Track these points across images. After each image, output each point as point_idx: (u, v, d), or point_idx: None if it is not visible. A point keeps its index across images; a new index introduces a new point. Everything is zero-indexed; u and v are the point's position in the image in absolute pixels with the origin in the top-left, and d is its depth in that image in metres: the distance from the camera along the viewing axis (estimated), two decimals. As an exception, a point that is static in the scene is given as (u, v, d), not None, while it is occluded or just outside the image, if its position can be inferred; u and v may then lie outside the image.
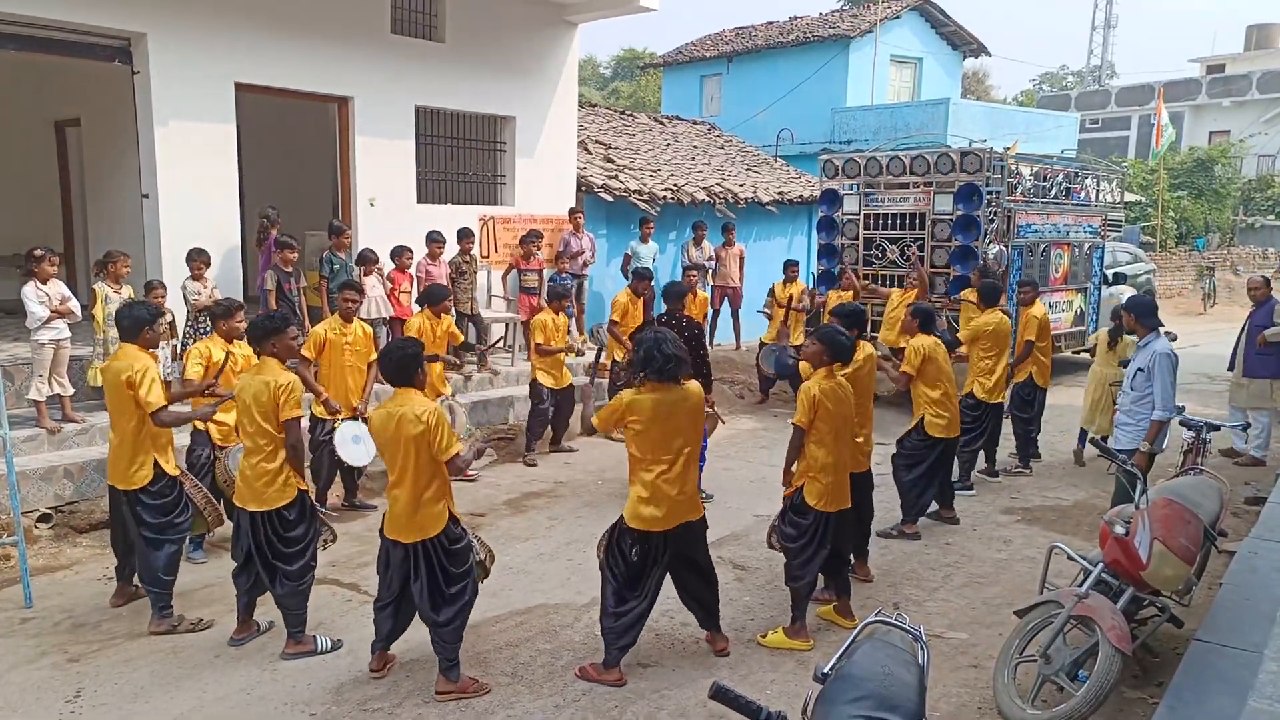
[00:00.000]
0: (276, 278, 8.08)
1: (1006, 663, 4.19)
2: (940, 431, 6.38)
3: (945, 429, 6.39)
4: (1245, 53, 39.25)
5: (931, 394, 6.33)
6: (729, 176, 14.71)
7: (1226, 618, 4.48)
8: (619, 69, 46.99)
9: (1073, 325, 11.77)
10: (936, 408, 6.35)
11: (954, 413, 6.44)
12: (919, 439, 6.40)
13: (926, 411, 6.38)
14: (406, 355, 4.28)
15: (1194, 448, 6.01)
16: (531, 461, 8.39)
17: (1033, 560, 5.96)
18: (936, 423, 6.36)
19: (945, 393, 6.35)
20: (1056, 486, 7.83)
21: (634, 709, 4.24)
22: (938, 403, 6.34)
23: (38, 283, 6.55)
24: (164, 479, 4.94)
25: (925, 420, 6.39)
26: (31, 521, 6.16)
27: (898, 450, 6.53)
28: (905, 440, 6.49)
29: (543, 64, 11.08)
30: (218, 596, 5.38)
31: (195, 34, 8.13)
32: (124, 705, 4.25)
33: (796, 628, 4.88)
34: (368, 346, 6.85)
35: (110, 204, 9.66)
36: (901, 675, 2.31)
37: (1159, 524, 4.17)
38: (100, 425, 6.66)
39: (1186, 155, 29.86)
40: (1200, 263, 23.09)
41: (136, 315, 4.92)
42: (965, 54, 23.48)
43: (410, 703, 4.27)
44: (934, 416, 6.36)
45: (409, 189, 9.99)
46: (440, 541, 4.26)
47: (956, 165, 9.96)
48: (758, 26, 24.13)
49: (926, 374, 6.30)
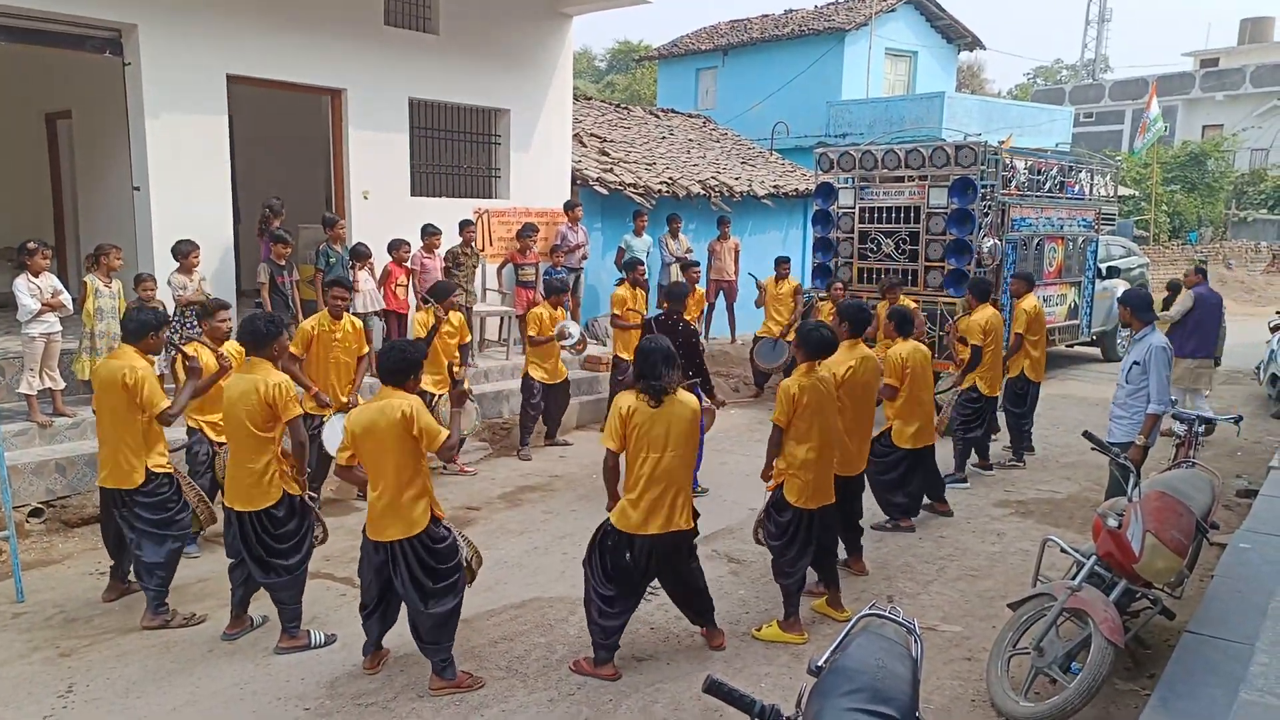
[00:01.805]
0: (269, 271, 8.06)
1: (1000, 655, 4.20)
2: (906, 442, 6.23)
3: (912, 439, 6.23)
4: (1239, 46, 39.33)
5: (899, 403, 6.20)
6: (724, 170, 14.69)
7: (1218, 610, 4.50)
8: (614, 62, 46.88)
9: (1067, 319, 11.79)
10: (906, 415, 6.23)
11: (924, 421, 6.28)
12: (885, 446, 6.27)
13: (895, 420, 6.28)
14: (407, 358, 4.26)
15: (1186, 441, 6.02)
16: (526, 455, 8.39)
17: (1026, 553, 5.98)
18: (904, 432, 6.24)
19: (918, 399, 6.21)
20: (1050, 480, 7.85)
21: (629, 702, 4.25)
22: (904, 412, 6.21)
23: (29, 275, 6.52)
24: (157, 478, 4.91)
25: (893, 429, 6.28)
26: (23, 516, 6.14)
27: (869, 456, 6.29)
28: (874, 445, 6.10)
29: (537, 57, 11.04)
30: (211, 591, 5.37)
31: (187, 25, 8.07)
32: (116, 700, 4.24)
33: (790, 622, 4.88)
34: (357, 341, 6.83)
35: (101, 197, 9.60)
36: (895, 668, 2.31)
37: (1151, 517, 4.18)
38: (91, 420, 6.60)
39: (1179, 149, 29.93)
40: (1193, 257, 23.15)
41: (144, 319, 4.91)
42: (960, 48, 23.48)
43: (405, 697, 4.27)
44: (901, 425, 6.25)
45: (403, 182, 9.95)
46: (422, 540, 4.22)
47: (951, 159, 9.95)
48: (753, 19, 24.10)
49: (904, 385, 6.16)
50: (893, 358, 6.18)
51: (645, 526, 4.34)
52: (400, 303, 8.84)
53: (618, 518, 4.40)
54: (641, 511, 4.33)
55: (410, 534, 4.19)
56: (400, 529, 4.18)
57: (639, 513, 4.34)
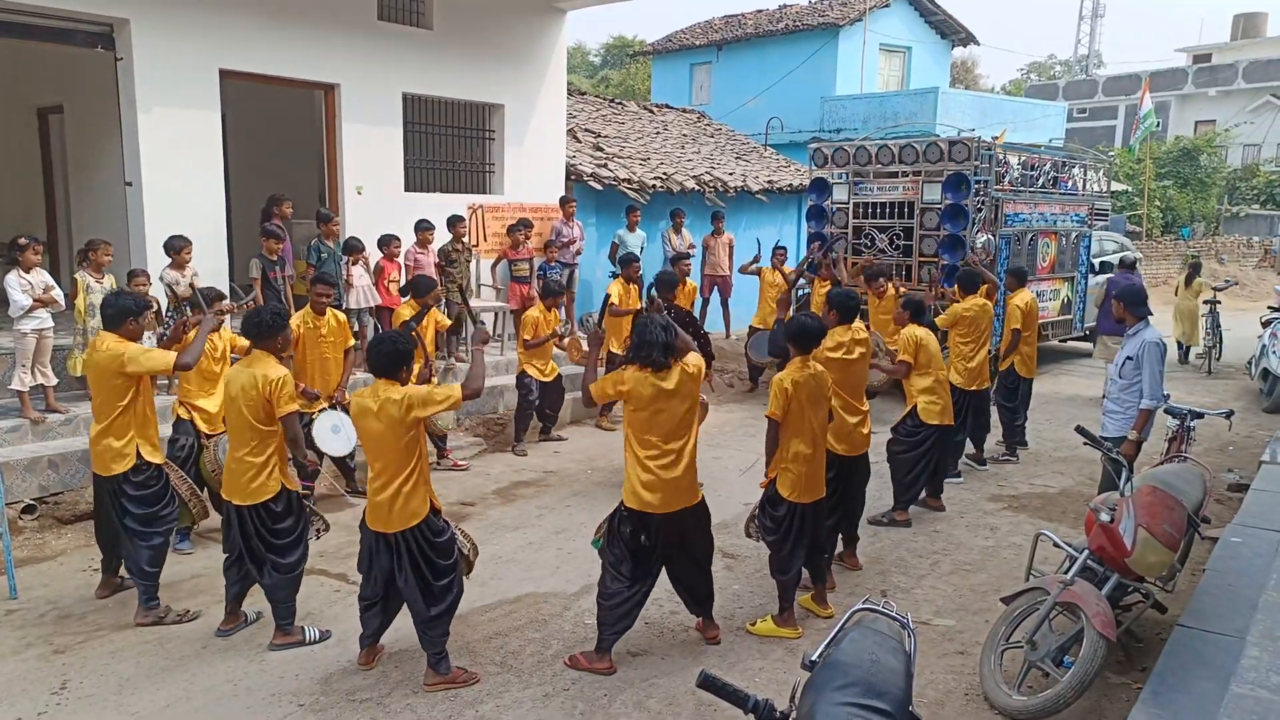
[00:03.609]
0: (261, 266, 8.03)
1: (993, 649, 4.22)
2: (935, 418, 6.44)
3: (940, 415, 6.46)
4: (1232, 42, 39.43)
5: (923, 382, 6.41)
6: (718, 165, 14.68)
7: (1209, 604, 4.52)
8: (608, 57, 46.75)
9: (1060, 314, 11.82)
10: (930, 395, 6.42)
11: (946, 400, 6.52)
12: (914, 425, 6.47)
13: (920, 399, 6.44)
14: (398, 350, 4.25)
15: (1178, 436, 6.04)
16: (521, 451, 8.39)
17: (1019, 547, 6.00)
18: (931, 409, 6.43)
19: (937, 379, 6.45)
20: (1043, 474, 7.88)
21: (623, 697, 4.25)
22: (930, 390, 6.41)
23: (21, 271, 6.48)
24: (149, 468, 4.89)
25: (919, 407, 6.45)
26: (16, 513, 6.12)
27: (893, 437, 6.58)
28: (900, 427, 6.56)
29: (531, 51, 11.02)
30: (205, 587, 5.36)
31: (179, 20, 8.04)
32: (110, 697, 4.24)
33: (785, 616, 4.89)
34: (343, 335, 6.82)
35: (93, 192, 9.55)
36: (889, 662, 2.32)
37: (1143, 511, 4.20)
38: (84, 415, 6.60)
39: (1172, 145, 30.00)
40: (1186, 252, 23.23)
41: (122, 305, 4.85)
42: (954, 43, 23.49)
43: (399, 693, 4.27)
44: (928, 404, 6.42)
45: (397, 177, 9.93)
46: (423, 532, 4.23)
47: (945, 154, 9.97)
48: (747, 15, 24.07)
49: (919, 362, 6.39)
50: (906, 335, 6.41)
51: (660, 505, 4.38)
52: (393, 299, 8.82)
53: (630, 497, 4.41)
54: (653, 490, 4.36)
55: (410, 525, 4.19)
56: (400, 521, 4.18)
57: (650, 492, 4.35)
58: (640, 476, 4.36)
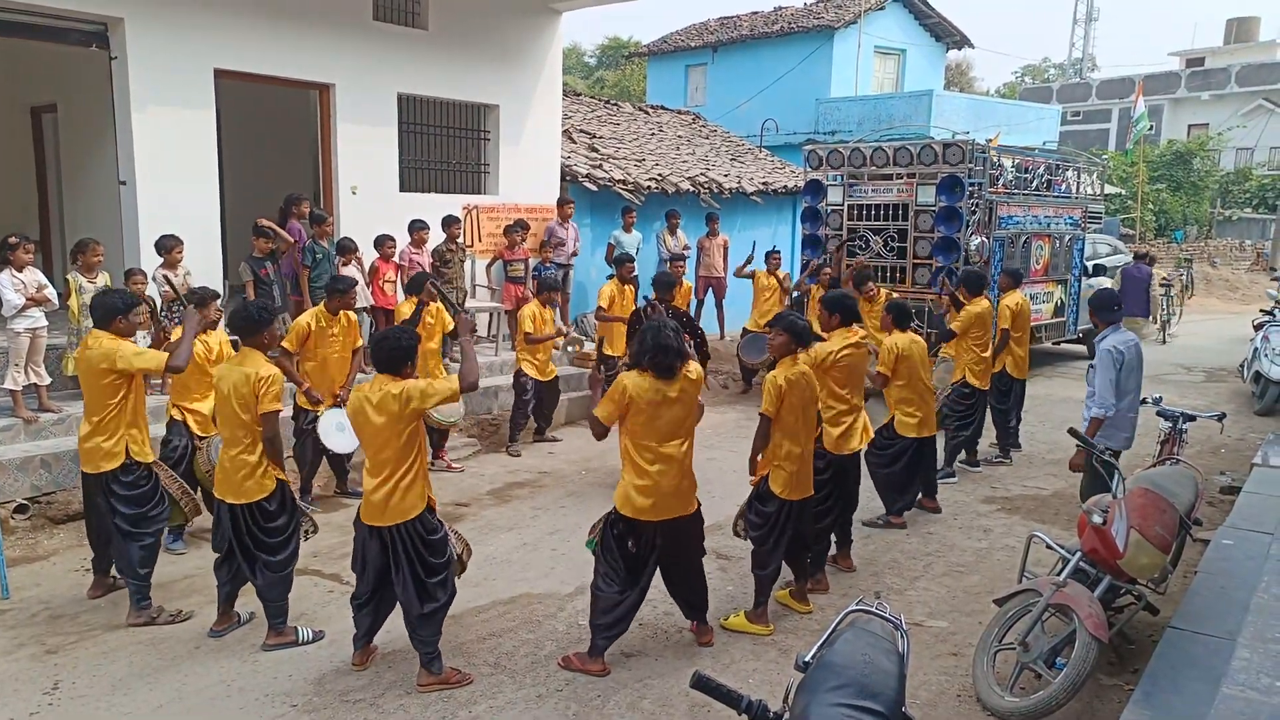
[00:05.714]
0: (251, 268, 7.97)
1: (986, 650, 4.23)
2: (911, 431, 6.30)
3: (917, 428, 6.31)
4: (1225, 46, 39.64)
5: (902, 393, 6.28)
6: (713, 166, 14.69)
7: (1201, 605, 4.54)
8: (604, 58, 46.79)
9: (1053, 316, 11.85)
10: (908, 407, 6.30)
11: (927, 412, 6.36)
12: (888, 437, 6.34)
13: (897, 410, 6.34)
14: (401, 346, 4.25)
15: (1170, 438, 6.06)
16: (515, 452, 8.38)
17: (1012, 549, 6.02)
18: (907, 422, 6.31)
19: (917, 392, 6.29)
20: (1036, 476, 7.90)
21: (617, 699, 4.25)
22: (908, 401, 6.29)
23: (13, 270, 6.46)
24: (138, 467, 4.88)
25: (896, 420, 6.34)
26: (8, 512, 6.10)
27: (868, 448, 6.28)
28: (875, 438, 6.23)
29: (527, 52, 11.01)
30: (198, 588, 5.35)
31: (174, 19, 8.02)
32: (102, 697, 4.22)
33: (759, 612, 4.91)
34: (352, 336, 6.82)
35: (87, 191, 9.53)
36: (882, 663, 2.33)
37: (1135, 513, 4.22)
38: (77, 415, 6.56)
39: (1165, 148, 30.12)
40: (1178, 255, 23.32)
41: (110, 303, 4.83)
42: (948, 46, 23.54)
43: (392, 693, 4.26)
44: (904, 416, 6.31)
45: (392, 177, 9.91)
46: (417, 528, 4.23)
47: (939, 157, 10.00)
48: (742, 16, 24.09)
49: (898, 373, 6.25)
50: (887, 346, 6.27)
51: (654, 512, 4.38)
52: (388, 299, 8.80)
53: (623, 504, 4.39)
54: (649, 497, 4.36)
55: (405, 519, 4.19)
56: (396, 515, 4.18)
57: (645, 498, 4.36)
58: (635, 482, 4.36)
